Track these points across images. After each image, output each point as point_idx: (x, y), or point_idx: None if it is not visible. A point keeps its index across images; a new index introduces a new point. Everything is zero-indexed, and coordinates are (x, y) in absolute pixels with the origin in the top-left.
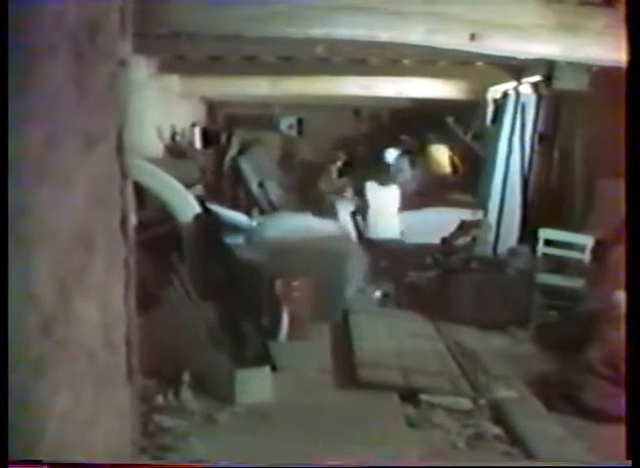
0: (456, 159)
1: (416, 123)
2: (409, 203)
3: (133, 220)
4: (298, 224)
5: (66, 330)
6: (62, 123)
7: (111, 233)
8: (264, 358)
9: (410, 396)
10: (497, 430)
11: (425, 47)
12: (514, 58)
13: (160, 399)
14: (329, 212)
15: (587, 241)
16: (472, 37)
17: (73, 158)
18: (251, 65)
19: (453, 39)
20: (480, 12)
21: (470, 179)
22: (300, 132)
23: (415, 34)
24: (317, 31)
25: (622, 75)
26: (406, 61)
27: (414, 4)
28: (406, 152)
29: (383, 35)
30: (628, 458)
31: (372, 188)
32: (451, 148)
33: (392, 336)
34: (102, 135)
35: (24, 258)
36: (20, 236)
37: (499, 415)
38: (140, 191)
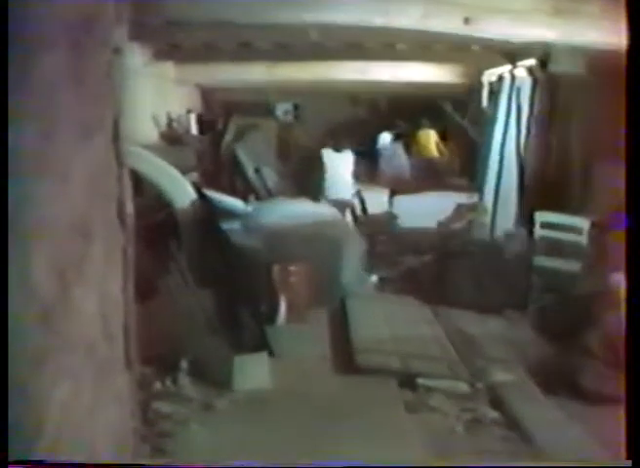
0: (441, 144)
1: (412, 107)
2: (405, 187)
3: (130, 209)
4: (294, 210)
5: (66, 320)
6: (59, 114)
7: (109, 223)
8: (262, 344)
9: (408, 381)
10: (494, 414)
11: (420, 31)
12: (509, 42)
13: (159, 385)
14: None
15: (584, 223)
16: (466, 21)
17: (70, 148)
18: (246, 52)
19: (447, 23)
20: None
21: (467, 163)
22: (296, 117)
23: (409, 18)
24: (311, 16)
25: (619, 58)
26: (401, 46)
27: None
28: (400, 136)
29: (378, 20)
30: (628, 458)
31: (327, 154)
32: (441, 133)
33: (389, 321)
34: (99, 124)
35: (23, 250)
36: (17, 228)
37: (496, 399)
38: (137, 178)
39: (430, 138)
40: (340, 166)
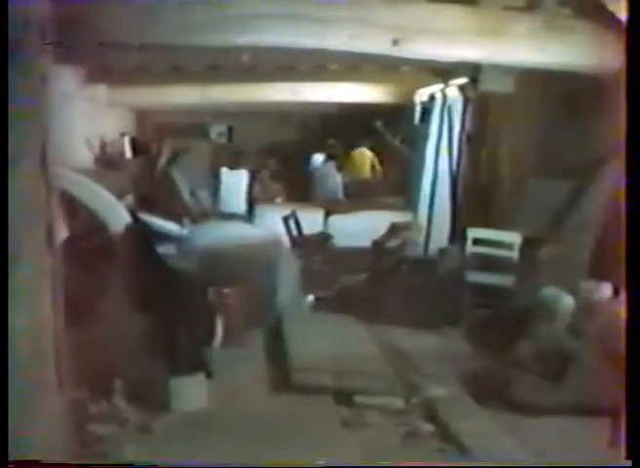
0: (376, 163)
1: (345, 127)
2: (339, 207)
3: (60, 232)
4: (229, 231)
5: None
6: None
7: (38, 245)
8: (199, 365)
9: (344, 398)
10: (429, 427)
11: (350, 52)
12: (439, 62)
13: (94, 408)
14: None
15: (515, 238)
16: (395, 42)
17: None
18: (179, 74)
19: (376, 44)
20: (402, 17)
21: (400, 182)
22: (230, 139)
23: (338, 40)
24: (242, 39)
25: (547, 76)
26: (332, 67)
27: (336, 10)
28: (332, 157)
29: (307, 41)
30: (628, 458)
31: (224, 172)
32: (376, 152)
33: (326, 340)
34: (26, 150)
35: None
36: None
37: (431, 413)
38: (72, 203)
39: (365, 159)
40: (234, 183)
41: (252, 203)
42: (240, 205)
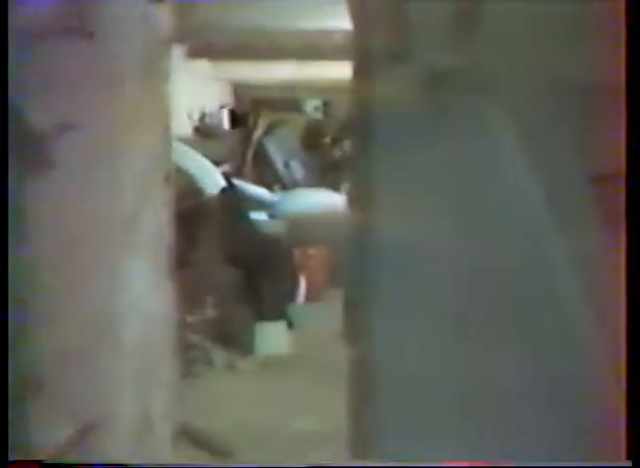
0: None
1: None
2: None
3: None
4: (316, 199)
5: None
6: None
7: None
8: (282, 315)
9: None
10: None
11: None
12: None
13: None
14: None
15: None
16: None
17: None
18: (276, 51)
19: None
20: None
21: None
22: (325, 113)
23: None
24: (330, 23)
25: None
26: None
27: None
28: None
29: None
30: (628, 458)
31: None
32: None
33: None
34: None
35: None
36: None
37: None
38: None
39: None
40: None
41: None
42: None
